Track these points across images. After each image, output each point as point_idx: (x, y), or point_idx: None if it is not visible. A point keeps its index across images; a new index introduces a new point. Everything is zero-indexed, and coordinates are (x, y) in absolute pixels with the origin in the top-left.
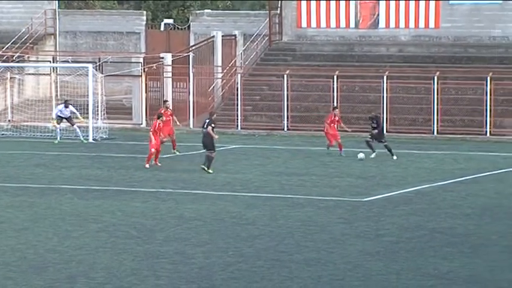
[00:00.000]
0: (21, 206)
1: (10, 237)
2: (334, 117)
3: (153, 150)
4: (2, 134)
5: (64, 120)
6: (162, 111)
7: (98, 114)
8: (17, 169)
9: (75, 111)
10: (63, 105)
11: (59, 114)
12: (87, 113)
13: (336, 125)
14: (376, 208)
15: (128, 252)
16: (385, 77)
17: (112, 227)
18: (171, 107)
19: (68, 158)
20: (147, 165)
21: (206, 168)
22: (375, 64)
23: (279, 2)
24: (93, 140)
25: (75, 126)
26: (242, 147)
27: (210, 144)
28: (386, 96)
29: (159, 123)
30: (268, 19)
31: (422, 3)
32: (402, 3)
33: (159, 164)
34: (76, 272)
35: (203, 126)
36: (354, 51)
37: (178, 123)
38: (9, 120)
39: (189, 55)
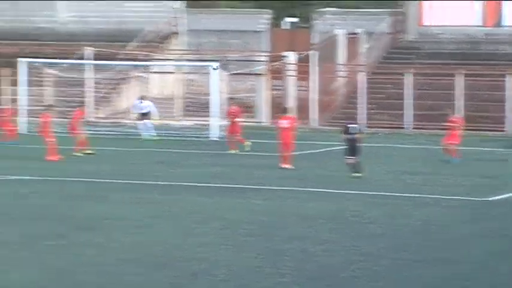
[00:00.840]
0: (144, 203)
1: (132, 234)
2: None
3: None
4: (127, 132)
5: (144, 115)
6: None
7: (221, 112)
8: (139, 166)
9: (152, 108)
10: (138, 100)
11: (135, 110)
12: (208, 112)
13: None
14: (501, 208)
15: (250, 249)
16: (509, 76)
17: (234, 224)
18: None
19: (190, 156)
20: (286, 166)
21: (358, 174)
22: (499, 62)
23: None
24: (216, 138)
25: (144, 121)
26: (365, 146)
27: (356, 151)
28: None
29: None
30: (391, 17)
31: None
32: None
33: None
34: (198, 269)
35: (347, 132)
36: (479, 49)
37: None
38: (134, 118)
39: (312, 53)
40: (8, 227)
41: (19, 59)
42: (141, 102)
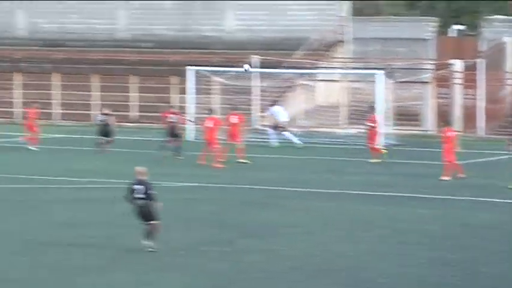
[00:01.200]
0: (313, 210)
1: (302, 241)
2: None
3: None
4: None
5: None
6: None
7: (387, 120)
8: (307, 174)
9: (274, 113)
10: (272, 107)
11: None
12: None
13: None
14: None
15: (415, 258)
16: None
17: (399, 233)
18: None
19: (355, 164)
20: (447, 178)
21: None
22: None
23: None
24: (382, 146)
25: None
26: None
27: None
28: None
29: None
30: None
31: None
32: None
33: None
34: (364, 277)
35: None
36: None
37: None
38: (300, 126)
39: (479, 61)
40: (176, 233)
41: (187, 68)
42: (271, 108)
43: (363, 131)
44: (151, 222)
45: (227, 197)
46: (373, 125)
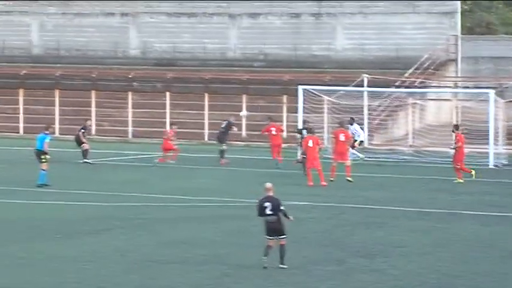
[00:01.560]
0: (423, 230)
1: (412, 261)
2: None
3: None
4: (403, 159)
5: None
6: None
7: (498, 140)
8: (418, 194)
9: (356, 130)
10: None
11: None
12: (487, 139)
13: None
14: None
15: None
16: None
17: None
18: None
19: (468, 184)
20: None
21: None
22: None
23: None
24: (494, 165)
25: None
26: None
27: None
28: None
29: None
30: None
31: None
32: None
33: None
34: None
35: None
36: None
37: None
38: (410, 145)
39: None
40: (287, 251)
41: (299, 86)
42: (351, 124)
43: (477, 150)
44: (282, 237)
45: (337, 216)
46: (459, 144)
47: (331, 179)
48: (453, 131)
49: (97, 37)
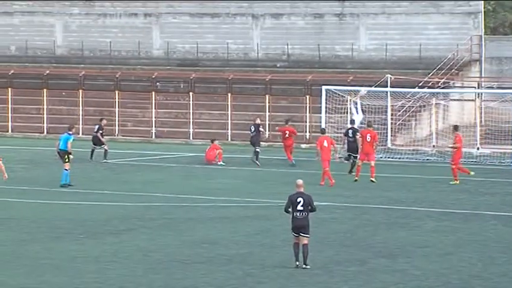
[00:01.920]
0: (446, 231)
1: (435, 262)
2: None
3: None
4: (427, 159)
5: None
6: None
7: None
8: (440, 194)
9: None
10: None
11: None
12: (510, 139)
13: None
14: None
15: None
16: None
17: None
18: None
19: (492, 184)
20: None
21: None
22: None
23: None
24: None
25: None
26: None
27: None
28: None
29: None
30: None
31: None
32: None
33: None
34: None
35: None
36: None
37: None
38: (433, 146)
39: None
40: (311, 252)
41: (322, 87)
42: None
43: (499, 150)
44: (306, 235)
45: (359, 217)
46: (458, 145)
47: (356, 178)
48: (452, 132)
49: (120, 37)
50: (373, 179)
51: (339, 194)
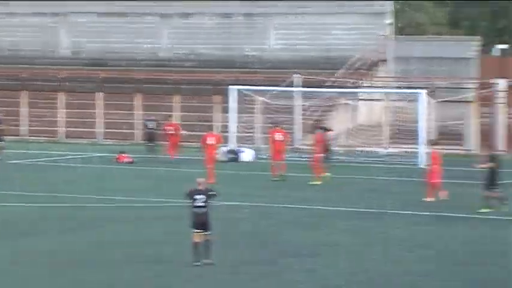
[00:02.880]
0: (354, 230)
1: (343, 261)
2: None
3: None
4: (336, 159)
5: None
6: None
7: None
8: (349, 193)
9: None
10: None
11: None
12: (418, 139)
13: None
14: None
15: (459, 279)
16: None
17: (443, 253)
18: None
19: (399, 183)
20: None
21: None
22: None
23: None
24: (424, 165)
25: None
26: None
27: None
28: None
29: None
30: None
31: None
32: None
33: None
34: None
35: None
36: None
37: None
38: (342, 145)
39: None
40: (219, 252)
41: (230, 87)
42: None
43: (408, 150)
44: (208, 232)
45: (268, 216)
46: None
47: (276, 178)
48: (312, 131)
49: (28, 37)
50: (276, 178)
51: (247, 193)
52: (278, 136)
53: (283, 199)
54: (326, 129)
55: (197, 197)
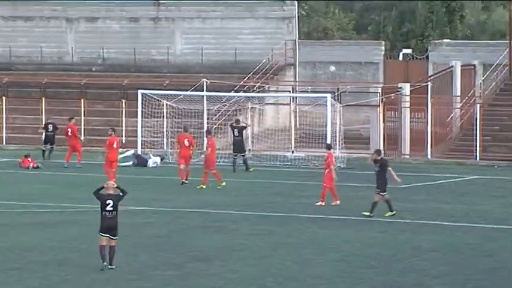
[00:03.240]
0: (261, 234)
1: (250, 265)
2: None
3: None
4: (243, 163)
5: None
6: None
7: (336, 143)
8: (257, 197)
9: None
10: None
11: None
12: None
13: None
14: None
15: (366, 282)
16: None
17: (350, 256)
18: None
19: (306, 187)
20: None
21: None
22: None
23: None
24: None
25: None
26: (481, 178)
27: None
28: None
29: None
30: (508, 49)
31: None
32: None
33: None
34: None
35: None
36: None
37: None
38: (249, 149)
39: (427, 85)
40: (126, 257)
41: (139, 91)
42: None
43: (313, 153)
44: (115, 238)
45: (175, 221)
46: (209, 150)
47: (185, 181)
48: (206, 136)
49: None
50: (186, 181)
51: (155, 198)
52: (186, 141)
53: (191, 203)
54: (240, 127)
55: (108, 201)
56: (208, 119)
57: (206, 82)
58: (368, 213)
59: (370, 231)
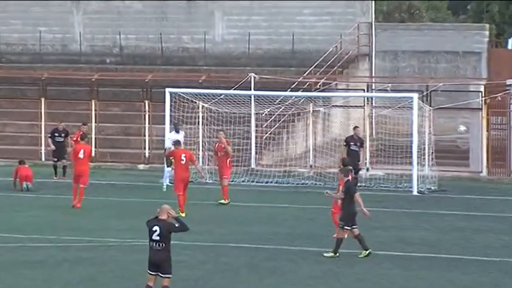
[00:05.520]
0: (326, 276)
1: None
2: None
3: None
4: (302, 184)
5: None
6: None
7: (424, 159)
8: (319, 229)
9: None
10: (173, 131)
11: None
12: (411, 157)
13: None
14: None
15: None
16: None
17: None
18: None
19: (385, 216)
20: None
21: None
22: None
23: None
24: (418, 192)
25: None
26: None
27: None
28: None
29: None
30: None
31: None
32: None
33: None
34: None
35: None
36: None
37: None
38: (310, 166)
39: None
40: None
41: (167, 89)
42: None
43: (397, 172)
44: (166, 276)
45: (214, 259)
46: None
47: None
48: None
49: None
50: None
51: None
52: (182, 157)
53: (234, 236)
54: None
55: (154, 228)
56: (257, 126)
57: (254, 78)
58: (331, 254)
59: (468, 272)
